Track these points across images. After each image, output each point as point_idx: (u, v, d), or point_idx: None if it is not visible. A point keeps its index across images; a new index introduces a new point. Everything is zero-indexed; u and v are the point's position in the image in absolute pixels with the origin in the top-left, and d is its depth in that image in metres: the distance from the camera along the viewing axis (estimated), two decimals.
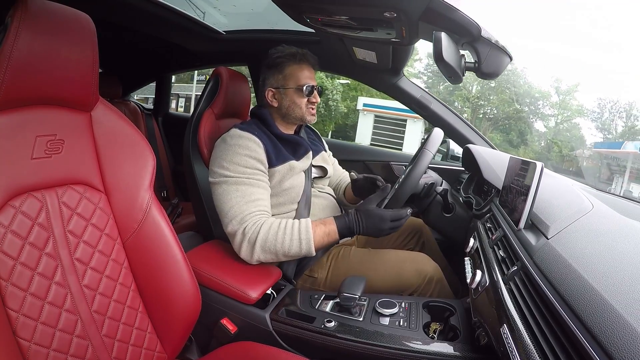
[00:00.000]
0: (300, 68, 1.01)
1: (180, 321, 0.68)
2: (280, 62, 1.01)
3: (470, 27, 0.66)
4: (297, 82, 1.01)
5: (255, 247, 0.85)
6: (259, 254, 0.85)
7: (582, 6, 30.09)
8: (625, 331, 0.31)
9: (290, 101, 1.02)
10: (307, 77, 1.02)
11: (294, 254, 0.87)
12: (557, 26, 30.79)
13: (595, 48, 29.83)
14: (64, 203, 0.59)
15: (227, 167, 0.90)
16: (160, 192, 2.07)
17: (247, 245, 0.85)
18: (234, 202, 0.87)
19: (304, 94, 1.01)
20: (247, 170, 0.90)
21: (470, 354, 0.69)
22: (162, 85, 2.34)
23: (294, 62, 1.01)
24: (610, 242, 0.50)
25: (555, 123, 22.62)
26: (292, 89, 1.01)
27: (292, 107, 1.02)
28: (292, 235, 0.86)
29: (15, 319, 0.51)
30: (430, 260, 1.00)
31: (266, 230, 0.85)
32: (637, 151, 17.00)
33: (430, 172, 1.17)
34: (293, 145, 1.03)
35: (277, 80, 1.02)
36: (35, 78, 0.54)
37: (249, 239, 0.85)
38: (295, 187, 1.00)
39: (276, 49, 1.03)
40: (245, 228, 0.85)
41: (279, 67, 1.02)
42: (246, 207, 0.87)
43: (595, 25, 30.13)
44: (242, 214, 0.86)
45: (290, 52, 1.02)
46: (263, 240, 0.84)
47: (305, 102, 1.02)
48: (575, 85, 21.89)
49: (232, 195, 0.88)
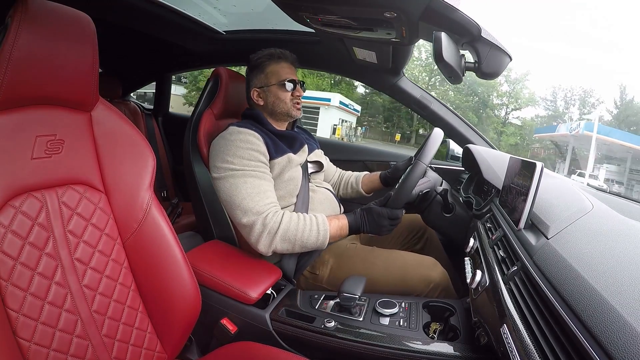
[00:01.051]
0: (280, 65, 1.06)
1: (180, 321, 0.68)
2: (261, 62, 1.06)
3: (470, 27, 0.66)
4: (279, 78, 1.05)
5: (276, 237, 0.87)
6: (277, 243, 0.88)
7: (582, 6, 30.07)
8: (625, 331, 0.31)
9: (274, 97, 1.05)
10: (288, 73, 1.06)
11: (311, 245, 0.90)
12: (558, 26, 30.78)
13: (595, 48, 29.81)
14: (64, 203, 0.59)
15: (231, 161, 0.91)
16: (160, 192, 2.07)
17: (267, 235, 0.87)
18: (245, 194, 0.89)
19: (286, 88, 1.05)
20: (252, 163, 0.92)
21: (470, 354, 0.69)
22: (162, 85, 2.34)
23: (273, 60, 1.06)
24: (610, 242, 0.50)
25: (505, 112, 22.68)
26: (275, 85, 1.05)
27: (277, 102, 1.06)
28: (312, 227, 0.90)
29: (15, 319, 0.51)
30: (437, 265, 0.98)
31: (287, 221, 0.89)
32: (567, 133, 17.02)
33: (430, 172, 1.17)
34: (289, 140, 1.06)
35: (260, 80, 1.07)
36: (35, 78, 0.54)
37: (269, 230, 0.87)
38: (294, 179, 1.02)
39: (256, 53, 1.08)
40: (266, 218, 0.87)
41: (260, 67, 1.06)
42: (260, 199, 0.89)
43: (595, 25, 30.11)
44: (259, 205, 0.88)
45: (269, 52, 1.07)
46: (285, 230, 0.88)
47: (289, 97, 1.06)
48: (525, 75, 22.05)
49: (241, 188, 0.89)
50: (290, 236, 0.88)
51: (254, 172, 0.92)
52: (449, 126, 1.45)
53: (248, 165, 0.92)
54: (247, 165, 0.92)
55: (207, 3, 1.38)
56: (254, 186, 0.90)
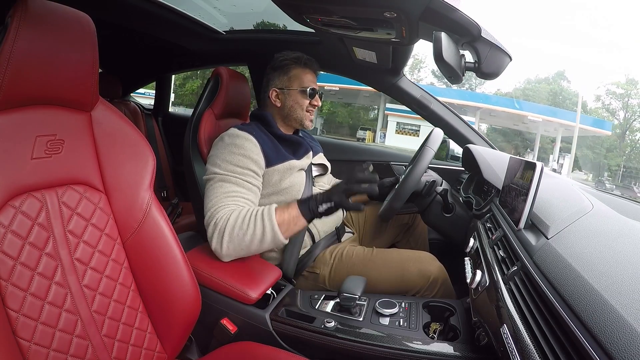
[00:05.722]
0: (304, 72, 1.06)
1: (180, 321, 0.68)
2: (286, 65, 1.06)
3: (470, 27, 0.66)
4: (301, 84, 1.05)
5: (224, 237, 0.82)
6: (227, 244, 0.82)
7: (582, 6, 30.09)
8: (625, 331, 0.31)
9: (293, 101, 1.05)
10: (311, 81, 1.06)
11: (265, 242, 0.83)
12: (558, 26, 30.80)
13: (595, 47, 29.84)
14: (64, 203, 0.59)
15: (219, 164, 0.91)
16: (160, 192, 2.07)
17: (217, 235, 0.82)
18: (213, 196, 0.87)
19: (307, 96, 1.04)
20: (237, 170, 0.91)
21: (470, 354, 0.69)
22: (162, 85, 2.34)
23: (299, 65, 1.06)
24: (610, 242, 0.50)
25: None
26: (296, 90, 1.05)
27: (295, 107, 1.05)
28: (256, 223, 0.82)
29: (15, 319, 0.51)
30: (434, 259, 1.00)
31: (235, 217, 0.83)
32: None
33: (431, 172, 1.17)
34: (293, 145, 1.05)
35: (282, 82, 1.06)
36: (35, 78, 0.54)
37: (219, 229, 0.82)
38: (295, 185, 1.01)
39: (282, 53, 1.08)
40: (216, 219, 0.84)
41: (285, 69, 1.06)
42: (222, 200, 0.86)
43: (595, 25, 30.13)
44: (216, 206, 0.86)
45: (296, 55, 1.06)
46: (231, 227, 0.82)
47: (306, 104, 1.06)
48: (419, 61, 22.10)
49: (215, 191, 0.88)
50: (238, 234, 0.81)
51: (234, 179, 0.89)
52: (448, 126, 1.45)
53: (232, 171, 0.90)
54: (232, 172, 0.90)
55: (207, 3, 1.38)
56: (227, 191, 0.88)
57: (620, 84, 21.28)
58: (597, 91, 26.73)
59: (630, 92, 20.96)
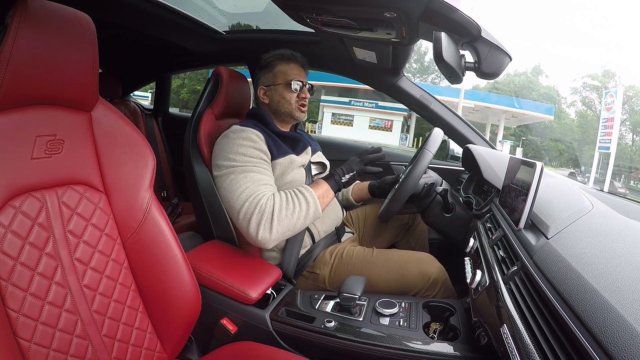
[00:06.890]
0: (288, 66, 1.07)
1: (180, 321, 0.68)
2: (271, 62, 1.08)
3: (470, 27, 0.66)
4: (286, 78, 1.06)
5: (273, 221, 0.84)
6: (276, 227, 0.85)
7: (582, 6, 30.08)
8: (625, 331, 0.31)
9: (279, 96, 1.06)
10: (296, 74, 1.07)
11: (308, 218, 0.89)
12: (558, 26, 30.79)
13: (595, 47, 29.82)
14: (64, 203, 0.59)
15: (233, 157, 0.92)
16: (160, 192, 2.07)
17: (265, 222, 0.84)
18: (244, 187, 0.88)
19: (292, 89, 1.05)
20: (253, 160, 0.92)
21: (470, 354, 0.69)
22: (162, 85, 2.34)
23: (282, 61, 1.07)
24: (610, 242, 0.50)
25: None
26: (281, 84, 1.06)
27: (282, 102, 1.06)
28: (300, 199, 0.89)
29: (15, 319, 0.51)
30: (434, 260, 1.00)
31: (279, 200, 0.87)
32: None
33: (430, 172, 1.17)
34: (292, 141, 1.06)
35: (268, 79, 1.08)
36: (35, 78, 0.54)
37: (266, 216, 0.84)
38: (296, 180, 1.01)
39: (267, 53, 1.09)
40: (261, 206, 0.85)
41: (269, 67, 1.08)
42: (258, 189, 0.88)
43: (595, 25, 30.12)
44: (255, 194, 0.87)
45: (279, 52, 1.08)
46: (278, 211, 0.85)
47: (294, 98, 1.06)
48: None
49: (241, 182, 0.89)
50: (287, 214, 0.86)
51: (255, 168, 0.92)
52: (448, 126, 1.46)
53: (250, 161, 0.92)
54: (249, 162, 0.92)
55: (207, 3, 1.38)
56: (255, 180, 0.89)
57: (596, 76, 21.64)
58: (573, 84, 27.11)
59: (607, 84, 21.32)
